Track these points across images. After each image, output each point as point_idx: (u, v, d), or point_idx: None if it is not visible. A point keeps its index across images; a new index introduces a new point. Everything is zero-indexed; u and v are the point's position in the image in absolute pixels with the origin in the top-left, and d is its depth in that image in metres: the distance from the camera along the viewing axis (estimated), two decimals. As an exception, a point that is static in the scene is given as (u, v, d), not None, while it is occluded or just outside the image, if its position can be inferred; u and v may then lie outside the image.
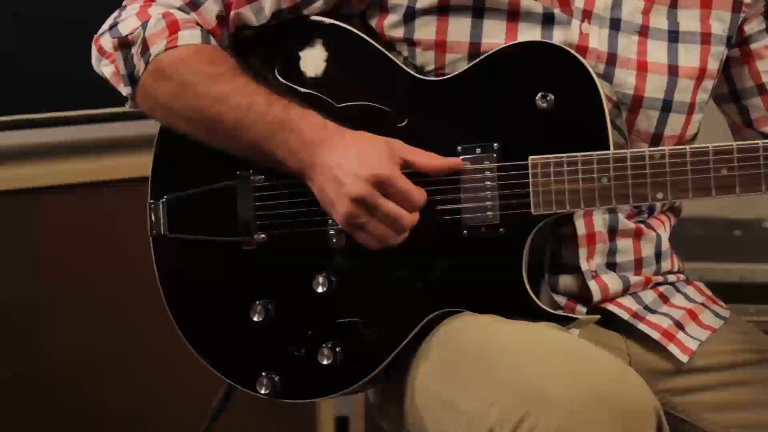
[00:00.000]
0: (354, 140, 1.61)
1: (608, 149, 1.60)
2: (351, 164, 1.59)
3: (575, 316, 1.62)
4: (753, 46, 1.80)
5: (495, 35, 1.69)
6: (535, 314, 1.62)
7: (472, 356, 1.56)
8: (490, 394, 1.48)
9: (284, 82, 1.73)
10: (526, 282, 1.62)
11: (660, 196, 1.58)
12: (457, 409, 1.54)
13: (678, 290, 1.84)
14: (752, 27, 1.79)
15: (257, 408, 2.70)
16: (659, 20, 1.74)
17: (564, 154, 1.60)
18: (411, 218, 1.61)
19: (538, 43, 1.66)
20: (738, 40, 1.79)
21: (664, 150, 1.58)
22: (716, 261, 2.95)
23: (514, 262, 1.63)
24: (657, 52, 1.73)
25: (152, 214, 1.78)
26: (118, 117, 2.55)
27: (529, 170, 1.62)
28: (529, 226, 1.62)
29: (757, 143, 1.55)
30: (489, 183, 1.63)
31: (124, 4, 1.77)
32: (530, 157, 1.62)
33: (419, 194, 1.61)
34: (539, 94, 1.62)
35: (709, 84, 1.77)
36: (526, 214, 1.62)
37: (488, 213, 1.63)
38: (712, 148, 1.56)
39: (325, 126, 1.63)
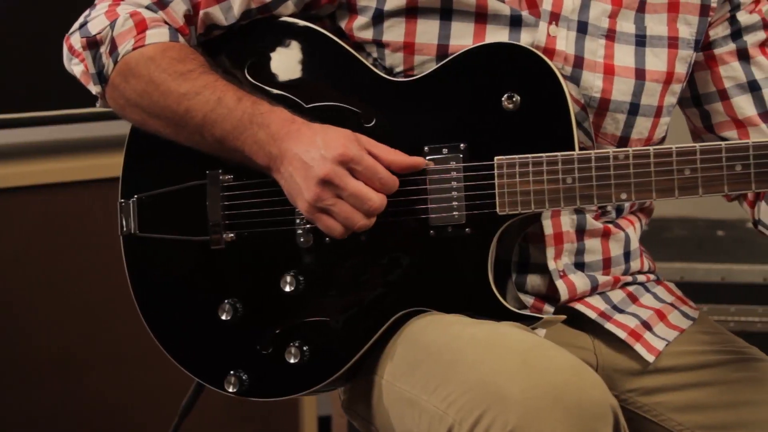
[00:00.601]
0: (320, 129, 1.62)
1: (574, 150, 1.61)
2: (318, 148, 1.59)
3: (539, 315, 1.63)
4: (717, 51, 1.80)
5: (463, 37, 1.70)
6: (501, 314, 1.62)
7: (435, 355, 1.57)
8: (450, 394, 1.49)
9: (254, 82, 1.74)
10: (491, 282, 1.63)
11: (624, 196, 1.59)
12: (420, 407, 1.55)
13: (647, 290, 1.85)
14: (717, 32, 1.80)
15: (240, 408, 2.72)
16: (626, 24, 1.74)
17: (529, 155, 1.61)
18: (379, 200, 1.60)
19: (505, 45, 1.67)
20: (703, 45, 1.80)
21: (628, 151, 1.58)
22: (698, 261, 2.95)
23: (479, 262, 1.63)
24: (624, 55, 1.74)
25: (122, 213, 1.79)
26: (89, 117, 2.55)
27: (495, 170, 1.62)
28: (495, 226, 1.63)
29: (720, 144, 1.56)
30: (455, 183, 1.64)
31: (94, 3, 1.77)
32: (496, 158, 1.62)
33: (388, 174, 1.60)
34: (505, 95, 1.63)
35: (677, 87, 1.78)
36: (492, 214, 1.63)
37: (454, 213, 1.64)
38: (675, 149, 1.57)
39: (293, 120, 1.64)
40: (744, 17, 1.80)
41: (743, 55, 1.80)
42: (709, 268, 2.95)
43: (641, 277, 1.85)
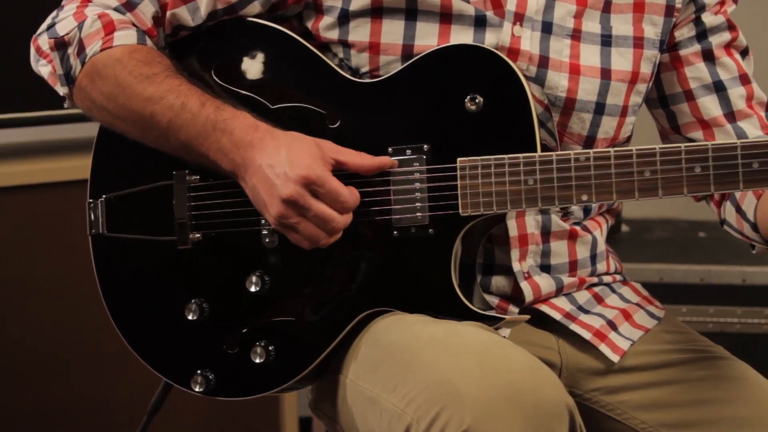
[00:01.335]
0: (285, 141, 1.63)
1: (536, 151, 1.62)
2: (281, 165, 1.60)
3: (502, 316, 1.64)
4: (682, 52, 1.81)
5: (428, 37, 1.71)
6: (464, 314, 1.63)
7: (395, 355, 1.58)
8: (408, 393, 1.50)
9: (221, 83, 1.75)
10: (454, 282, 1.64)
11: (585, 197, 1.60)
12: (380, 406, 1.56)
13: (613, 291, 1.86)
14: (683, 33, 1.81)
15: (221, 409, 2.73)
16: (592, 24, 1.76)
17: (491, 156, 1.62)
18: (342, 220, 1.62)
19: (468, 46, 1.68)
20: (668, 46, 1.81)
21: (589, 153, 1.59)
22: (677, 262, 2.96)
23: (443, 263, 1.64)
24: (590, 55, 1.75)
25: (91, 213, 1.80)
26: (57, 120, 2.56)
27: (458, 172, 1.63)
28: (458, 227, 1.64)
29: (680, 146, 1.57)
30: (419, 184, 1.65)
31: (62, 4, 1.78)
32: (459, 159, 1.63)
33: (351, 196, 1.63)
34: (468, 97, 1.64)
35: (642, 87, 1.79)
36: (455, 215, 1.64)
37: (417, 214, 1.65)
38: (635, 151, 1.58)
39: (256, 127, 1.65)
40: (709, 18, 1.81)
41: (708, 56, 1.81)
42: (687, 269, 2.96)
43: (607, 278, 1.86)
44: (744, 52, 1.85)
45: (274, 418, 2.96)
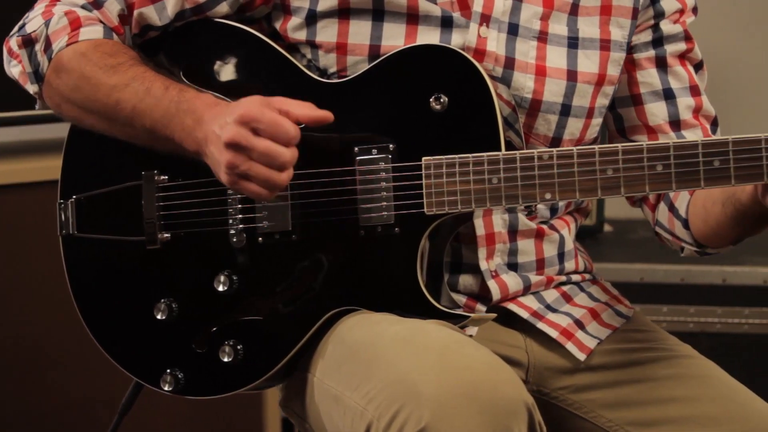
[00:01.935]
0: (234, 102, 1.62)
1: (500, 150, 1.63)
2: (224, 117, 1.59)
3: (467, 314, 1.65)
4: (636, 56, 1.83)
5: (394, 38, 1.72)
6: (429, 312, 1.64)
7: (359, 353, 1.59)
8: (369, 391, 1.51)
9: (188, 83, 1.75)
10: (420, 280, 1.65)
11: (548, 196, 1.61)
12: (344, 404, 1.57)
13: (582, 289, 1.87)
14: (640, 38, 1.82)
15: (204, 408, 2.74)
16: (559, 27, 1.77)
17: (456, 155, 1.63)
18: (289, 153, 1.58)
19: (433, 46, 1.69)
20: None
21: (552, 151, 1.61)
22: (658, 262, 2.98)
23: (409, 261, 1.65)
24: (556, 57, 1.76)
25: (62, 214, 1.81)
26: (28, 120, 2.56)
27: (422, 171, 1.64)
28: (423, 226, 1.65)
29: (641, 145, 1.58)
30: (384, 183, 1.66)
31: (33, 5, 1.80)
32: (423, 158, 1.64)
33: (291, 126, 1.58)
34: (433, 97, 1.65)
35: (609, 89, 1.80)
36: (420, 214, 1.65)
37: (383, 213, 1.66)
38: (598, 149, 1.59)
39: (217, 102, 1.65)
40: (667, 27, 1.82)
41: (661, 63, 1.83)
42: (668, 270, 2.97)
43: (576, 277, 1.87)
44: (698, 66, 1.87)
45: (257, 417, 2.97)
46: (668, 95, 1.82)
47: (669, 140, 1.59)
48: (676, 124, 1.82)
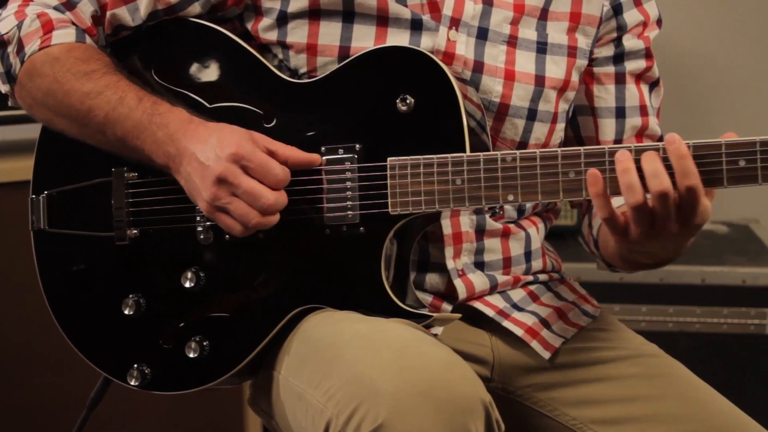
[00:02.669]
0: (216, 128, 1.65)
1: (465, 152, 1.65)
2: (212, 148, 1.62)
3: (430, 314, 1.66)
4: (597, 69, 1.85)
5: (364, 39, 1.74)
6: (393, 311, 1.66)
7: (321, 351, 1.61)
8: (329, 388, 1.53)
9: (160, 82, 1.77)
10: (384, 280, 1.66)
11: (511, 198, 1.62)
12: (306, 402, 1.59)
13: (549, 289, 1.89)
14: (602, 51, 1.84)
15: (185, 405, 2.75)
16: (528, 31, 1.78)
17: (420, 156, 1.65)
18: (274, 197, 1.62)
19: (399, 48, 1.70)
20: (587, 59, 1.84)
21: (515, 153, 1.62)
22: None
23: (373, 261, 1.67)
24: (525, 61, 1.78)
25: (33, 209, 1.83)
26: (2, 121, 2.57)
27: (387, 171, 1.66)
28: (388, 226, 1.67)
29: (603, 148, 1.59)
30: (350, 183, 1.68)
31: (7, 3, 1.81)
32: (388, 159, 1.66)
33: (281, 170, 1.62)
34: (399, 98, 1.67)
35: (570, 95, 1.83)
36: (384, 214, 1.66)
37: (348, 213, 1.68)
38: (560, 152, 1.60)
39: (191, 120, 1.67)
40: (630, 42, 1.84)
41: (619, 81, 1.85)
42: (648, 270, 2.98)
43: (543, 276, 1.89)
44: (654, 84, 1.88)
45: (238, 414, 2.98)
46: (619, 114, 1.85)
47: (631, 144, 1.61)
48: (618, 143, 1.85)
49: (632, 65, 1.85)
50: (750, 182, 1.55)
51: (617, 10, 1.84)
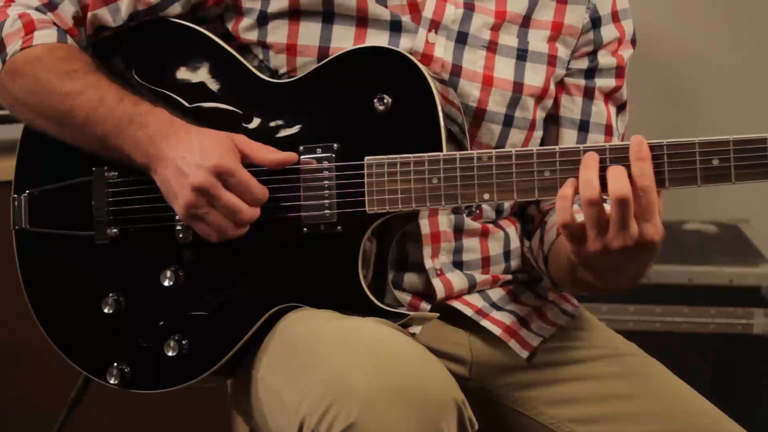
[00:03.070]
0: (197, 134, 1.67)
1: (442, 151, 1.65)
2: (193, 156, 1.64)
3: (407, 312, 1.67)
4: (567, 79, 1.85)
5: (343, 40, 1.75)
6: (370, 310, 1.67)
7: (297, 350, 1.62)
8: (304, 387, 1.53)
9: (141, 81, 1.78)
10: (361, 278, 1.67)
11: (486, 196, 1.63)
12: (282, 401, 1.60)
13: (529, 288, 1.89)
14: (576, 63, 1.84)
15: (171, 405, 2.75)
16: (509, 38, 1.79)
17: (397, 155, 1.65)
18: (251, 212, 1.65)
19: (377, 48, 1.71)
20: None
21: (491, 152, 1.63)
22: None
23: (350, 259, 1.68)
24: (504, 67, 1.79)
25: (15, 208, 1.84)
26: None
27: (365, 170, 1.67)
28: (365, 225, 1.67)
29: (579, 147, 1.60)
30: (327, 182, 1.68)
31: None
32: (366, 158, 1.67)
33: (260, 189, 1.66)
34: (377, 97, 1.67)
35: (548, 103, 1.83)
36: (361, 213, 1.67)
37: (326, 211, 1.68)
38: (536, 151, 1.61)
39: (171, 122, 1.68)
40: (604, 59, 1.85)
41: (588, 95, 1.85)
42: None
43: (522, 276, 1.89)
44: (621, 107, 1.89)
45: (225, 414, 2.99)
46: (582, 127, 1.85)
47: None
48: None
49: (602, 82, 1.85)
50: (723, 181, 1.56)
51: (596, 23, 1.84)
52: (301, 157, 1.69)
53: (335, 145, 1.69)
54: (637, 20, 1.91)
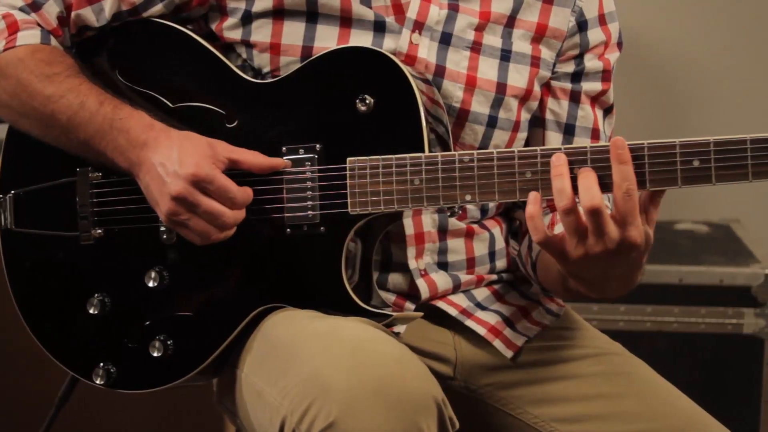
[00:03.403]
0: (178, 140, 1.67)
1: (424, 152, 1.66)
2: (173, 164, 1.64)
3: (390, 313, 1.67)
4: (554, 83, 1.85)
5: (327, 40, 1.75)
6: (354, 310, 1.67)
7: (279, 349, 1.62)
8: (285, 386, 1.54)
9: (124, 82, 1.79)
10: (344, 279, 1.68)
11: (468, 198, 1.63)
12: (264, 400, 1.60)
13: (514, 287, 1.90)
14: (562, 66, 1.84)
15: (162, 405, 2.76)
16: (493, 38, 1.79)
17: (380, 157, 1.66)
18: (232, 215, 1.66)
19: (359, 48, 1.71)
20: None
21: (473, 154, 1.63)
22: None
23: (334, 260, 1.68)
24: (487, 68, 1.79)
25: (0, 209, 1.84)
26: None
27: (347, 171, 1.67)
28: (348, 226, 1.68)
29: (560, 148, 1.61)
30: (310, 183, 1.69)
31: None
32: (348, 159, 1.67)
33: (241, 192, 1.66)
34: (359, 98, 1.68)
35: (533, 105, 1.83)
36: (344, 214, 1.67)
37: (309, 212, 1.69)
38: (517, 152, 1.61)
39: (152, 126, 1.69)
40: (590, 62, 1.84)
41: (574, 98, 1.85)
42: (625, 269, 2.98)
43: (508, 275, 1.90)
44: (607, 111, 1.89)
45: (216, 415, 2.99)
46: (568, 130, 1.85)
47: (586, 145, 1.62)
48: None
49: (588, 86, 1.85)
50: (704, 182, 1.56)
51: (582, 26, 1.84)
52: (284, 158, 1.70)
53: (318, 146, 1.69)
54: (628, 21, 1.91)
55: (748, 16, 3.46)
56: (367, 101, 1.68)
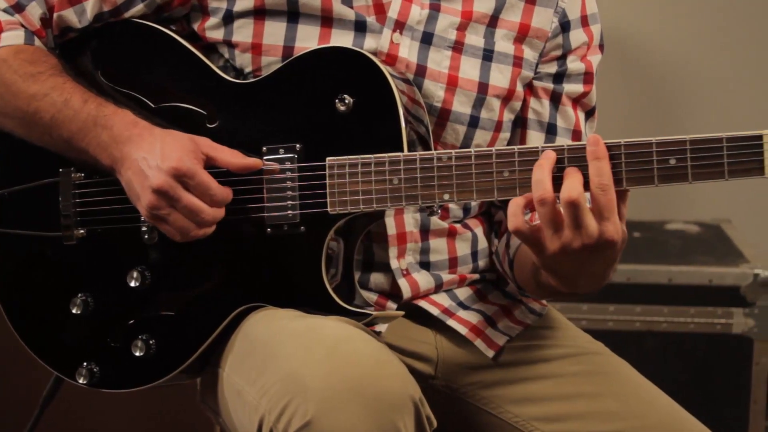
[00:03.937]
0: (160, 136, 1.68)
1: (403, 151, 1.67)
2: (155, 158, 1.65)
3: (370, 312, 1.68)
4: (536, 83, 1.85)
5: (308, 39, 1.76)
6: (333, 309, 1.68)
7: (258, 348, 1.63)
8: (263, 385, 1.55)
9: (107, 82, 1.80)
10: (324, 278, 1.68)
11: (447, 197, 1.64)
12: (243, 399, 1.61)
13: (496, 287, 1.90)
14: (545, 67, 1.85)
15: (152, 405, 2.76)
16: (475, 38, 1.80)
17: (359, 156, 1.67)
18: (212, 213, 1.67)
19: (338, 48, 1.72)
20: None
21: (451, 153, 1.64)
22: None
23: (314, 260, 1.69)
24: (469, 68, 1.79)
25: None
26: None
27: (326, 171, 1.68)
28: (327, 225, 1.69)
29: (537, 147, 1.61)
30: (290, 183, 1.70)
31: None
32: (327, 159, 1.68)
33: (221, 190, 1.67)
34: (338, 97, 1.69)
35: (516, 105, 1.84)
36: (324, 214, 1.68)
37: (289, 212, 1.70)
38: (495, 151, 1.62)
39: (136, 123, 1.70)
40: (572, 64, 1.85)
41: (555, 99, 1.85)
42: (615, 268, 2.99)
43: (490, 275, 1.90)
44: (589, 112, 1.89)
45: (205, 416, 2.99)
46: (550, 130, 1.86)
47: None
48: None
49: (570, 87, 1.85)
50: (680, 180, 1.57)
51: (565, 27, 1.85)
52: (264, 158, 1.71)
53: (298, 145, 1.70)
54: (612, 22, 1.92)
55: (731, 17, 3.46)
56: (347, 101, 1.68)
